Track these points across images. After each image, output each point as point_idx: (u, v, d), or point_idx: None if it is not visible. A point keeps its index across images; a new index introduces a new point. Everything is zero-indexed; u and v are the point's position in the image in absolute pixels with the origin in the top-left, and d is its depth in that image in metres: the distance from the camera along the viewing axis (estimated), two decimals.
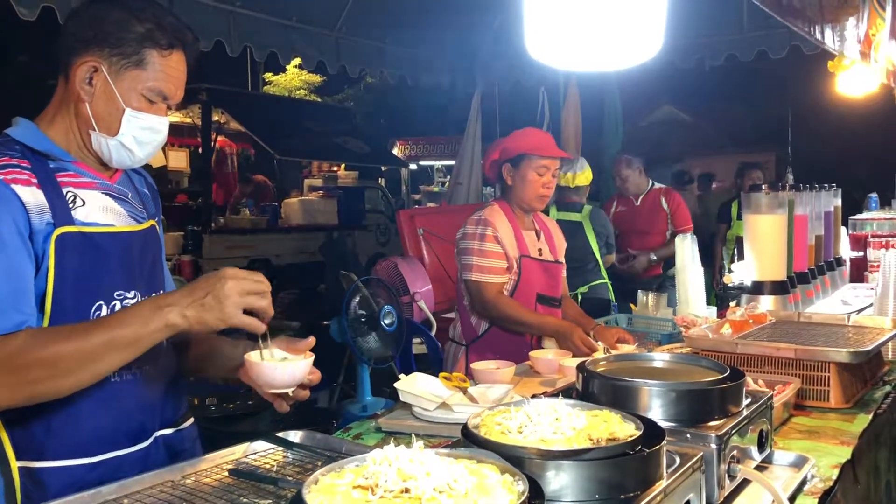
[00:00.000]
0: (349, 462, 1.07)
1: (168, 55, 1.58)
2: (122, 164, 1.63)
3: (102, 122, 1.57)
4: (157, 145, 1.64)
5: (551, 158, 3.01)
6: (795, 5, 1.84)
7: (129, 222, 1.65)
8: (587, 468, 1.13)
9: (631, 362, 1.74)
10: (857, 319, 2.64)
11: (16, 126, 1.59)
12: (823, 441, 1.88)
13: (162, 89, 1.58)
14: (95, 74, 1.55)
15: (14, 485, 1.51)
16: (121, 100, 1.55)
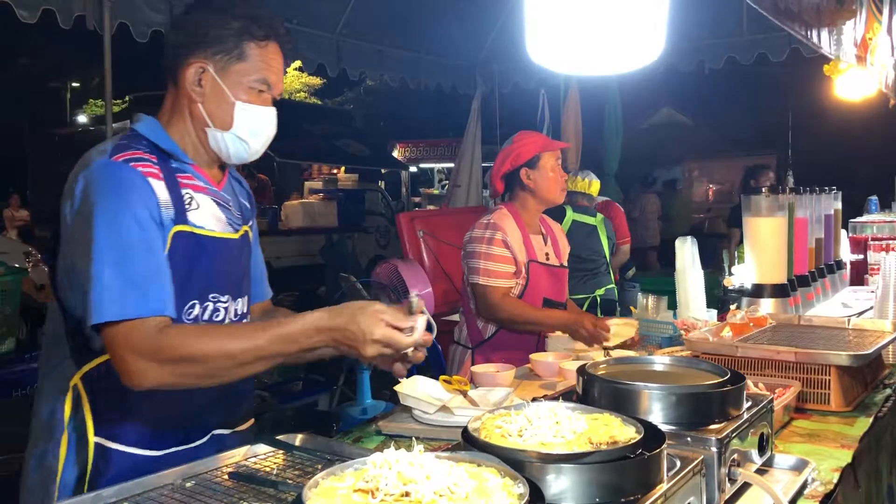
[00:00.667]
0: (349, 465, 1.07)
1: (265, 46, 1.66)
2: (238, 156, 1.71)
3: (216, 119, 1.65)
4: (269, 136, 1.73)
5: (559, 150, 3.12)
6: (793, 9, 1.85)
7: (227, 229, 1.72)
8: (587, 472, 1.13)
9: (631, 365, 1.74)
10: (858, 322, 2.64)
11: (140, 122, 1.67)
12: (824, 444, 1.88)
13: (266, 78, 1.66)
14: (203, 75, 1.63)
15: (88, 456, 1.59)
16: (230, 94, 1.64)
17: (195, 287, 1.63)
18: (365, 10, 5.44)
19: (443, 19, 5.73)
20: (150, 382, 1.46)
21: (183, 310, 1.61)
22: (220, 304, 1.69)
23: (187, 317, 1.63)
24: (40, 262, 9.38)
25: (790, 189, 3.42)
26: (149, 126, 1.66)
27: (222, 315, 1.71)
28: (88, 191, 1.52)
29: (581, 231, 5.28)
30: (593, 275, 5.25)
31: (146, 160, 1.58)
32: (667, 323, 3.05)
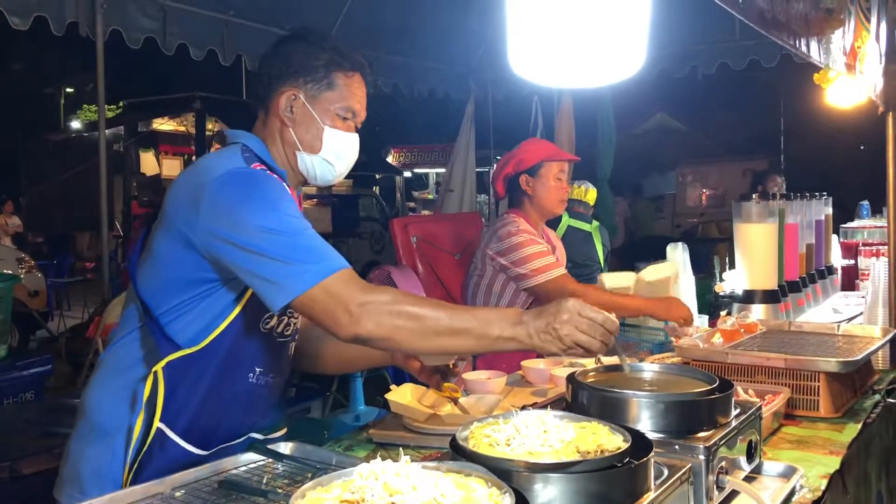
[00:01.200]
0: (336, 476, 1.08)
1: (351, 76, 1.78)
2: (324, 178, 1.82)
3: (306, 143, 1.77)
4: (353, 159, 1.84)
5: (568, 162, 3.15)
6: (780, 19, 1.86)
7: None
8: (575, 481, 1.13)
9: (620, 373, 1.74)
10: (847, 328, 2.65)
11: (248, 140, 1.77)
12: (813, 451, 1.88)
13: (351, 106, 1.78)
14: (295, 102, 1.75)
15: (148, 437, 1.65)
16: (319, 120, 1.76)
17: None
18: (358, 17, 5.45)
19: (436, 26, 5.75)
20: (364, 328, 1.51)
21: (261, 320, 1.72)
22: (293, 319, 1.82)
23: (264, 326, 1.74)
24: (34, 268, 9.36)
25: (781, 195, 3.44)
26: (257, 145, 1.76)
27: (291, 330, 1.84)
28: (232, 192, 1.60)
29: (576, 237, 5.31)
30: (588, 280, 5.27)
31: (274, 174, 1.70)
32: (658, 329, 3.06)
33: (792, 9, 1.94)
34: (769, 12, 1.78)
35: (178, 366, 1.68)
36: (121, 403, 1.70)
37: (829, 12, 2.07)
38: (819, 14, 2.09)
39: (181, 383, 1.68)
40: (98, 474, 1.70)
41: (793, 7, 1.95)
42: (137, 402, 1.68)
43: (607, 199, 8.27)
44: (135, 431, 1.67)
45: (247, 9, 4.85)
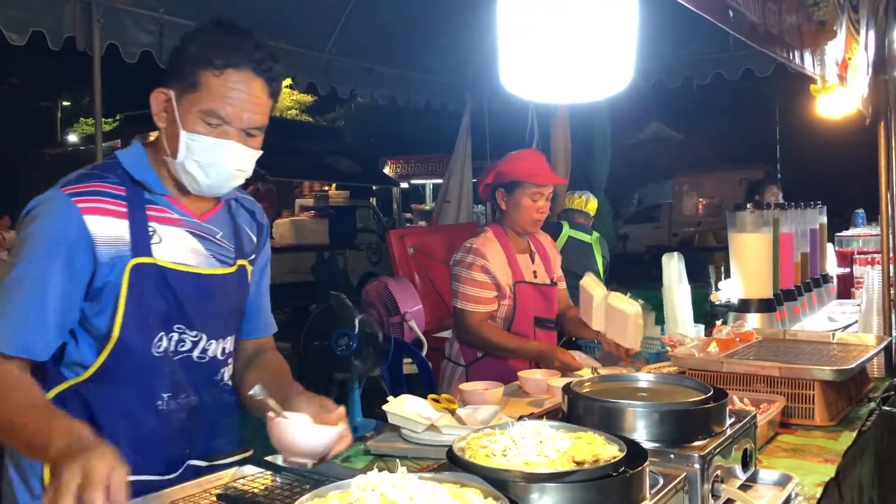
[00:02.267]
0: (334, 487, 1.08)
1: (220, 75, 1.57)
2: (194, 189, 1.65)
3: (171, 147, 1.61)
4: (227, 170, 1.62)
5: (545, 186, 3.02)
6: (773, 31, 1.88)
7: (210, 264, 1.70)
8: (570, 490, 1.14)
9: (616, 383, 1.75)
10: (842, 337, 2.66)
11: (128, 149, 1.68)
12: (808, 459, 1.89)
13: (216, 110, 1.57)
14: (167, 104, 1.61)
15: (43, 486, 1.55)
16: (180, 123, 1.59)
17: (161, 320, 1.63)
18: (354, 29, 5.48)
19: (432, 38, 5.78)
20: None
21: (152, 342, 1.62)
22: (185, 335, 1.66)
23: (157, 349, 1.63)
24: None
25: (775, 204, 3.46)
26: (130, 154, 1.66)
27: (188, 346, 1.68)
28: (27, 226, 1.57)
29: (577, 248, 5.31)
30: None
31: (102, 194, 1.58)
32: (654, 338, 3.07)
33: (784, 21, 1.96)
34: (761, 26, 1.80)
35: (67, 398, 1.60)
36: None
37: (821, 24, 2.09)
38: (812, 26, 2.11)
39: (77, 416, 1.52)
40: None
41: (785, 20, 1.97)
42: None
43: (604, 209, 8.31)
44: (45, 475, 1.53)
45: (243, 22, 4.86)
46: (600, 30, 1.28)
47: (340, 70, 5.73)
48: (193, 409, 1.70)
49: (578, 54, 1.29)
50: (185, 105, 1.58)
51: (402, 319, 4.83)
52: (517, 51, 1.36)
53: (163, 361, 1.64)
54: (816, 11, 2.06)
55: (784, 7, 1.95)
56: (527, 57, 1.34)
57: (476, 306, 2.94)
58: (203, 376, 1.72)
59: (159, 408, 1.65)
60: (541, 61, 1.31)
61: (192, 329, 1.67)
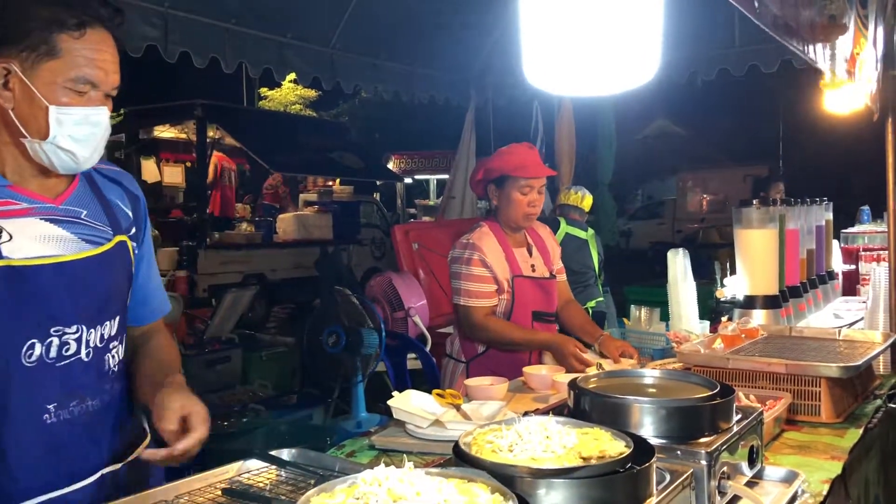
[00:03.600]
0: (340, 482, 1.08)
1: (81, 36, 1.42)
2: (66, 167, 1.49)
3: (31, 127, 1.43)
4: (100, 140, 1.49)
5: (535, 178, 2.98)
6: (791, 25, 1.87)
7: (79, 248, 1.52)
8: (577, 486, 1.14)
9: (622, 379, 1.75)
10: (848, 333, 2.65)
11: None
12: (814, 456, 1.89)
13: (86, 76, 1.43)
14: (10, 77, 1.41)
15: None
16: (42, 98, 1.41)
17: (28, 324, 1.44)
18: (359, 24, 5.47)
19: (437, 33, 5.77)
20: None
21: (21, 351, 1.43)
22: (67, 336, 1.48)
23: (28, 359, 1.44)
24: None
25: (781, 201, 3.44)
26: None
27: (74, 348, 1.50)
28: None
29: (573, 244, 5.33)
30: (583, 287, 5.30)
31: None
32: (659, 335, 3.07)
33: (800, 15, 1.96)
34: (781, 18, 1.79)
35: None
36: None
37: (832, 18, 2.08)
38: (823, 20, 2.10)
39: None
40: None
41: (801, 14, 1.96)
42: None
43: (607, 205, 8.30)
44: None
45: (248, 17, 4.87)
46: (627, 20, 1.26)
47: (345, 65, 5.72)
48: (89, 413, 1.54)
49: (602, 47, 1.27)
50: (44, 76, 1.41)
51: (406, 315, 4.83)
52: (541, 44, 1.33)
53: (38, 371, 1.45)
54: (829, 5, 2.05)
55: (800, 0, 1.94)
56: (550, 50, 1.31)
57: (479, 301, 2.92)
58: (93, 374, 1.55)
59: (47, 422, 1.47)
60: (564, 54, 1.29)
61: (71, 325, 1.49)
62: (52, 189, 1.54)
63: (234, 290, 6.38)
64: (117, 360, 1.62)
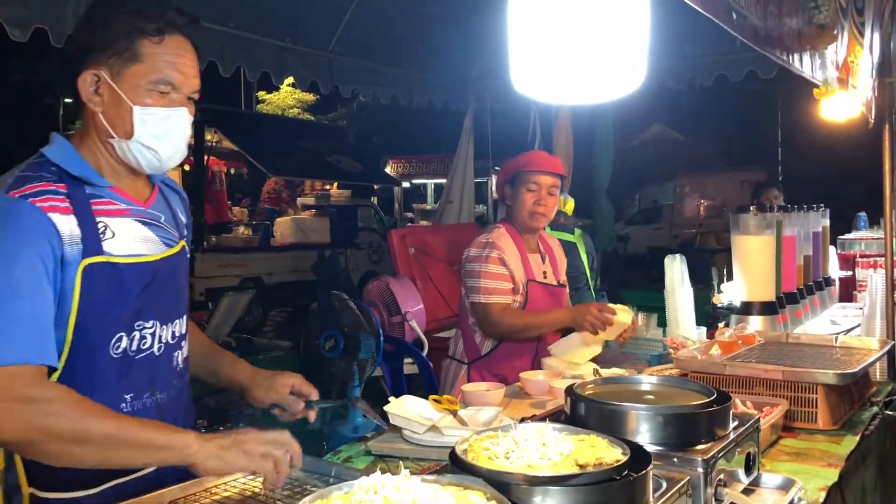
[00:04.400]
0: (337, 489, 1.08)
1: (160, 41, 1.53)
2: (151, 166, 1.59)
3: (119, 128, 1.54)
4: (181, 139, 1.59)
5: (541, 174, 2.99)
6: (774, 35, 1.88)
7: (160, 249, 1.64)
8: (574, 494, 1.13)
9: (619, 385, 1.75)
10: (845, 340, 2.66)
11: (52, 145, 1.58)
12: (811, 463, 1.89)
13: (166, 78, 1.54)
14: (99, 83, 1.53)
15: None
16: (127, 100, 1.52)
17: (119, 318, 1.54)
18: (357, 28, 5.47)
19: (435, 37, 5.77)
20: (6, 437, 1.37)
21: (111, 343, 1.53)
22: (146, 331, 1.59)
23: (115, 350, 1.54)
24: None
25: (778, 207, 3.45)
26: (59, 150, 1.56)
27: (149, 343, 1.61)
28: None
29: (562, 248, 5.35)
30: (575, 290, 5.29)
31: (50, 192, 1.48)
32: (656, 340, 3.07)
33: (785, 25, 1.96)
34: (762, 29, 1.79)
35: None
36: None
37: (821, 28, 2.09)
38: (811, 29, 2.11)
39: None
40: None
41: (785, 24, 1.96)
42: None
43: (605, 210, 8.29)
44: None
45: (247, 21, 4.86)
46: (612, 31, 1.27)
47: (343, 69, 5.72)
48: (159, 406, 1.64)
49: (589, 55, 1.28)
50: (129, 80, 1.51)
51: (403, 319, 4.82)
52: (528, 51, 1.34)
53: (122, 362, 1.56)
54: (817, 14, 2.06)
55: (784, 10, 1.94)
56: (537, 58, 1.33)
57: (497, 297, 2.93)
58: (163, 368, 1.65)
59: (123, 410, 1.57)
60: (552, 62, 1.30)
61: (150, 320, 1.60)
62: (142, 193, 1.66)
63: (230, 293, 6.38)
64: (183, 356, 1.73)
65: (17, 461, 1.54)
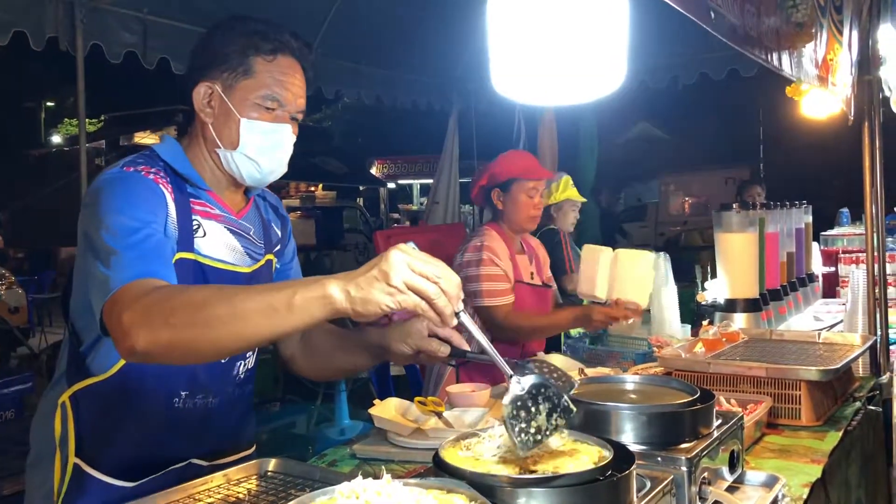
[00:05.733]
0: (319, 494, 1.07)
1: (272, 60, 1.61)
2: (252, 177, 1.66)
3: (225, 138, 1.62)
4: (283, 154, 1.66)
5: (538, 180, 3.12)
6: (752, 34, 1.89)
7: (243, 261, 1.69)
8: (557, 495, 1.13)
9: (602, 385, 1.75)
10: (828, 336, 2.68)
11: (162, 143, 1.66)
12: (794, 459, 1.90)
13: (274, 94, 1.61)
14: (212, 95, 1.62)
15: (64, 477, 1.59)
16: (236, 112, 1.60)
17: None
18: (341, 29, 5.46)
19: (418, 38, 5.77)
20: (143, 342, 1.27)
21: None
22: None
23: None
24: (14, 284, 9.27)
25: (761, 204, 3.47)
26: (168, 148, 1.65)
27: None
28: (99, 193, 1.50)
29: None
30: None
31: (160, 176, 1.57)
32: (641, 339, 3.08)
33: (763, 24, 1.98)
34: (741, 28, 1.81)
35: (87, 395, 1.60)
36: (49, 429, 1.62)
37: (799, 26, 2.11)
38: (789, 28, 2.12)
39: (93, 413, 1.59)
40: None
41: (763, 22, 1.98)
42: (49, 440, 1.62)
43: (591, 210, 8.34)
44: (56, 464, 1.60)
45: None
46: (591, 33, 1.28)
47: (326, 70, 5.70)
48: (208, 408, 1.68)
49: (569, 57, 1.29)
50: (239, 94, 1.60)
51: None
52: (507, 53, 1.36)
53: None
54: (795, 13, 2.08)
55: (763, 9, 1.96)
56: (517, 60, 1.34)
57: (501, 299, 3.00)
58: (220, 373, 1.69)
59: (175, 405, 1.63)
60: (531, 64, 1.31)
61: None
62: (237, 204, 1.73)
63: None
64: (247, 367, 1.77)
65: (71, 433, 1.59)
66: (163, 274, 1.39)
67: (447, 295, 1.20)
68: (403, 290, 1.18)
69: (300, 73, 1.66)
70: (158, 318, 1.27)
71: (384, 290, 1.18)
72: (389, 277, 1.18)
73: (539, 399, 1.20)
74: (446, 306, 1.20)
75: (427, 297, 1.19)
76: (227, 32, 1.63)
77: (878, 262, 2.94)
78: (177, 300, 1.29)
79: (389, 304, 1.18)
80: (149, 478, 1.62)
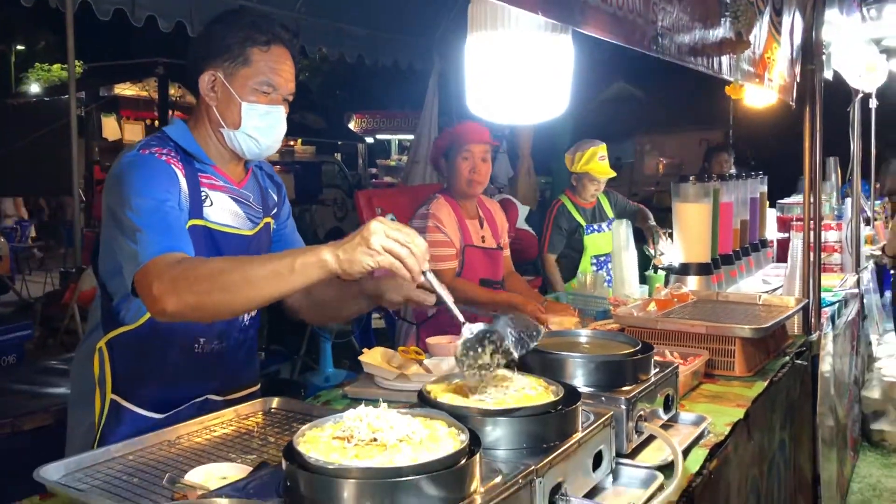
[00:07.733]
0: (328, 420, 1.34)
1: (267, 50, 1.84)
2: (252, 152, 1.91)
3: (228, 119, 1.86)
4: (278, 131, 1.91)
5: (473, 143, 3.27)
6: (697, 48, 2.12)
7: (245, 225, 1.94)
8: (517, 423, 1.41)
9: (562, 338, 2.03)
10: (767, 298, 2.97)
11: (172, 125, 1.93)
12: (723, 404, 2.20)
13: (269, 80, 1.85)
14: (215, 82, 1.85)
15: (104, 410, 1.86)
16: (237, 96, 1.84)
17: None
18: None
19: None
20: (171, 306, 1.56)
21: None
22: None
23: None
24: None
25: (717, 176, 3.75)
26: (177, 129, 1.90)
27: None
28: (121, 175, 1.76)
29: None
30: None
31: (171, 156, 1.82)
32: (601, 298, 3.36)
33: (709, 37, 2.21)
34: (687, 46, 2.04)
35: (121, 341, 1.86)
36: (89, 371, 1.89)
37: (739, 35, 2.33)
38: (732, 36, 2.35)
39: (126, 357, 1.86)
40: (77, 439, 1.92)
41: (710, 35, 2.21)
42: (89, 379, 1.88)
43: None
44: (96, 400, 1.87)
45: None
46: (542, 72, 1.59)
47: (309, 29, 5.78)
48: (221, 351, 1.97)
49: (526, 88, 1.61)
50: (239, 80, 1.84)
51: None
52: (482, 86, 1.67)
53: None
54: (735, 23, 2.30)
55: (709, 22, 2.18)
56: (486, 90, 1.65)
57: (444, 264, 3.19)
58: (230, 322, 1.96)
59: (196, 350, 1.92)
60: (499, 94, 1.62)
61: None
62: (238, 175, 1.98)
63: None
64: (250, 316, 2.02)
65: (108, 374, 1.86)
66: (181, 246, 1.67)
67: (416, 256, 1.50)
68: (381, 252, 1.48)
69: (290, 60, 1.90)
70: (184, 286, 1.56)
71: (365, 253, 1.49)
72: (370, 242, 1.48)
73: (485, 342, 1.53)
74: (414, 265, 1.50)
75: (399, 258, 1.49)
76: (226, 26, 1.86)
77: (814, 230, 3.21)
78: (199, 271, 1.59)
79: (370, 264, 1.49)
80: (174, 410, 1.90)
